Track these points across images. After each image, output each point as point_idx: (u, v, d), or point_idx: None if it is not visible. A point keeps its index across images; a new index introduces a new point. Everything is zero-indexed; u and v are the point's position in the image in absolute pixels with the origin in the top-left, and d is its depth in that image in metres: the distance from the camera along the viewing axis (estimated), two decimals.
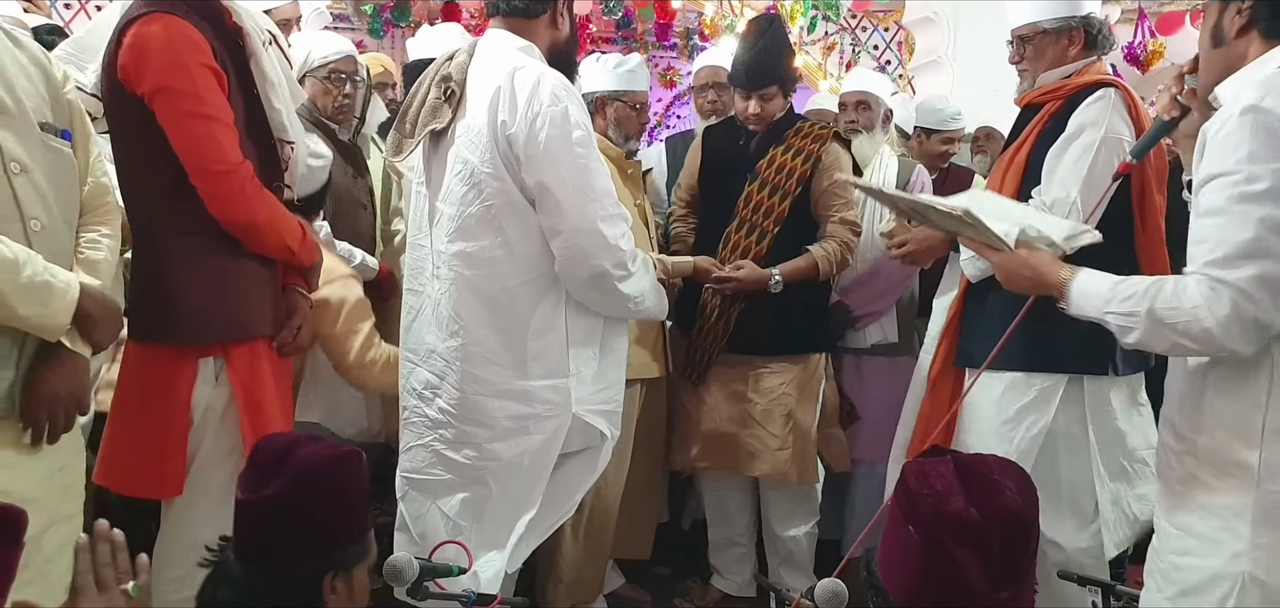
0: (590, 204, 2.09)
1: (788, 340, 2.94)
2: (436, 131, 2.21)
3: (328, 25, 5.62)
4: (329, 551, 1.46)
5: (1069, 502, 2.35)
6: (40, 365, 1.63)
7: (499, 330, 2.15)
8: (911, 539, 1.20)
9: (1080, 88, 2.31)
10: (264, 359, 2.00)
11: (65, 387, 1.64)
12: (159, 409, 1.85)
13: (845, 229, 2.92)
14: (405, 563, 1.73)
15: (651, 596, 3.20)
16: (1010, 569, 1.16)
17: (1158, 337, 1.56)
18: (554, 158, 2.06)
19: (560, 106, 2.06)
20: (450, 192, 2.18)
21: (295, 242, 2.02)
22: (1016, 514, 1.18)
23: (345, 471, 1.48)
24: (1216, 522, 1.54)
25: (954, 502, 1.17)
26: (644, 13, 7.09)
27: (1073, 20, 2.34)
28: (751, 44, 2.90)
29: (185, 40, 1.80)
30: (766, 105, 2.90)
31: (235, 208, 1.88)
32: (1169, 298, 1.53)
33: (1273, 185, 1.42)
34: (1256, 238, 1.44)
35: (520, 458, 2.18)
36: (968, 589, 1.15)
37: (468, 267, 2.15)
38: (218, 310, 1.91)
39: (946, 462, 1.25)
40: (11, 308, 1.54)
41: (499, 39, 2.22)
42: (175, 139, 1.82)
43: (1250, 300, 1.44)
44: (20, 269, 1.54)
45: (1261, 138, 1.43)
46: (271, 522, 1.43)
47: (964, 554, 1.15)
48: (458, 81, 2.18)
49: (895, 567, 1.25)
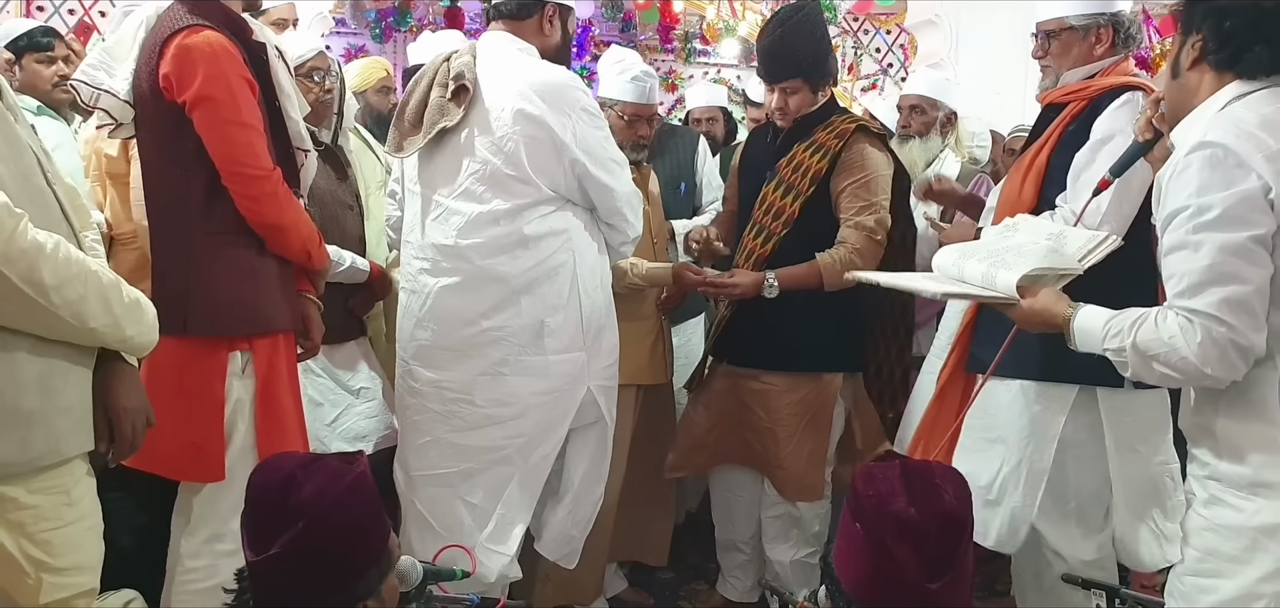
0: (621, 172, 2.34)
1: (795, 356, 2.73)
2: (445, 129, 2.24)
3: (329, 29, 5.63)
4: (354, 585, 1.41)
5: (1076, 512, 2.32)
6: (108, 382, 1.61)
7: (521, 312, 2.25)
8: (858, 536, 1.35)
9: (1105, 90, 2.24)
10: (282, 354, 2.11)
11: (134, 400, 1.64)
12: (196, 399, 1.94)
13: (858, 234, 2.62)
14: (409, 567, 1.72)
15: (655, 600, 3.19)
16: (944, 563, 1.29)
17: (1146, 370, 1.58)
18: (590, 147, 2.24)
19: (584, 99, 2.24)
20: (464, 187, 2.23)
21: (313, 246, 2.16)
22: (952, 515, 1.31)
23: (352, 499, 1.40)
24: (1245, 542, 1.53)
25: (896, 503, 1.31)
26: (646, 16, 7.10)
27: (1103, 17, 2.26)
28: (769, 32, 2.69)
29: (226, 53, 1.92)
30: (790, 99, 2.68)
31: (268, 210, 2.00)
32: (1149, 331, 1.55)
33: (1224, 210, 1.46)
34: (1215, 263, 1.47)
35: (543, 433, 2.31)
36: (905, 581, 1.28)
37: (483, 256, 2.23)
38: (246, 304, 2.02)
39: (894, 466, 1.38)
40: (121, 330, 1.57)
41: (500, 40, 2.29)
42: (213, 145, 1.93)
43: (1222, 325, 1.47)
44: (122, 290, 1.57)
45: (1207, 169, 1.47)
46: (286, 579, 1.36)
47: (903, 550, 1.29)
48: (470, 79, 2.22)
49: (846, 562, 1.38)
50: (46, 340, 1.48)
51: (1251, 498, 1.53)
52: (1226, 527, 1.55)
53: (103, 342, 1.57)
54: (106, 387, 1.61)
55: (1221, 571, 1.56)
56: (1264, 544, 1.51)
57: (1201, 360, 1.49)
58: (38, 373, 1.48)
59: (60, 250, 1.45)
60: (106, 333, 1.54)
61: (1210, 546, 1.58)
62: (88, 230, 1.75)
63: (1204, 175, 1.48)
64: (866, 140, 2.67)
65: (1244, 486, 1.54)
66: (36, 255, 1.40)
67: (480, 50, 2.30)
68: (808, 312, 2.67)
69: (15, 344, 1.45)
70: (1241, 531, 1.53)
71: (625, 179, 2.36)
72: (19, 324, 1.44)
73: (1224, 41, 1.56)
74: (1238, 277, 1.46)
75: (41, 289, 1.41)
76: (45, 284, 1.42)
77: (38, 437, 1.48)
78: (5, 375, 1.44)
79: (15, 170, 1.50)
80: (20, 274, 1.39)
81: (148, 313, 1.64)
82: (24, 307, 1.41)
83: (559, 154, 2.21)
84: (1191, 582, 1.61)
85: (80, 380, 1.56)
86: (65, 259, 1.45)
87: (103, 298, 1.52)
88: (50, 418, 1.50)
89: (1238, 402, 1.55)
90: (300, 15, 3.79)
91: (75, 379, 1.55)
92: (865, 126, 2.71)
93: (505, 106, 2.19)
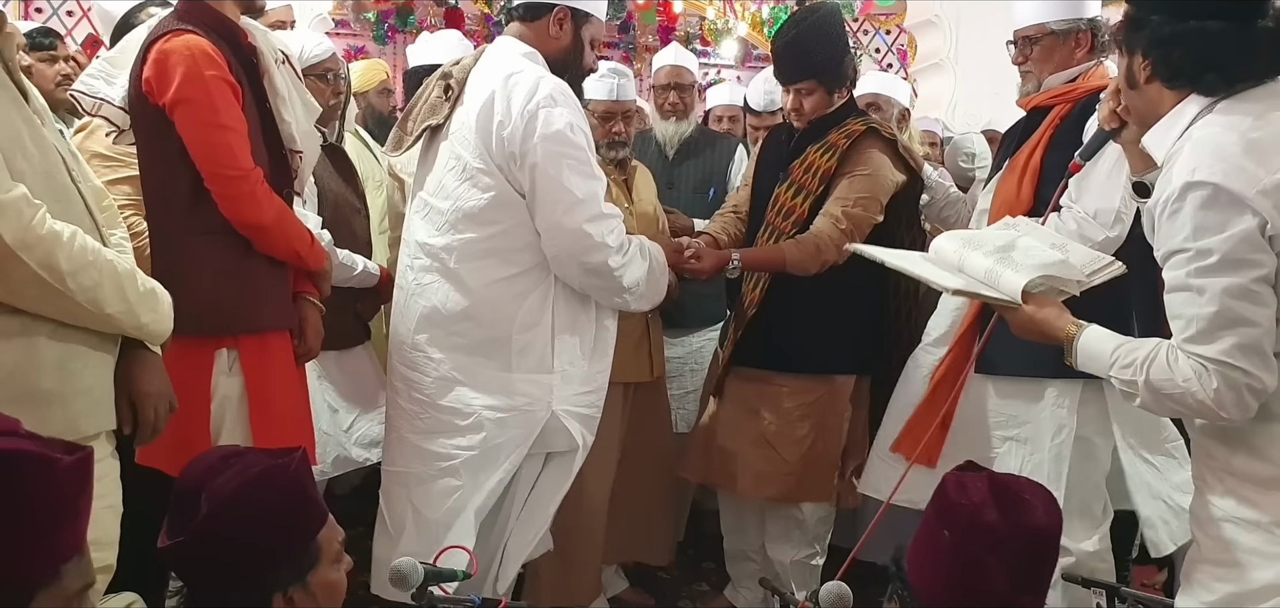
0: (576, 206, 2.15)
1: (803, 357, 2.71)
2: (433, 128, 2.26)
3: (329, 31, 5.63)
4: (262, 574, 1.40)
5: (1079, 505, 2.34)
6: (132, 368, 1.70)
7: (485, 323, 2.20)
8: (944, 542, 1.35)
9: (1090, 92, 2.28)
10: (274, 354, 2.12)
11: (156, 386, 1.73)
12: (183, 396, 1.93)
13: (828, 222, 2.58)
14: (410, 568, 1.73)
15: (656, 600, 3.19)
16: (1032, 579, 1.31)
17: (1159, 406, 1.59)
18: (545, 160, 2.12)
19: (553, 110, 2.12)
20: (443, 186, 2.24)
21: (303, 246, 2.14)
22: (1043, 531, 1.33)
23: (260, 491, 1.39)
24: (1263, 536, 1.53)
25: (988, 514, 1.32)
26: (645, 17, 7.11)
27: (1081, 22, 2.32)
28: (785, 33, 2.67)
29: (204, 56, 1.94)
30: (805, 100, 2.65)
31: (245, 209, 2.01)
32: (1163, 370, 1.55)
33: (1224, 255, 1.46)
34: (1223, 309, 1.47)
35: (495, 451, 2.22)
36: (993, 592, 1.29)
37: (456, 259, 2.21)
38: (230, 303, 2.04)
39: (982, 477, 1.40)
40: (136, 316, 1.65)
41: (506, 45, 2.30)
42: (192, 146, 1.96)
43: (1236, 370, 1.48)
44: (137, 279, 1.66)
45: (1202, 212, 1.47)
46: (193, 566, 1.39)
47: (991, 561, 1.30)
48: (458, 81, 2.24)
49: (925, 565, 1.39)
50: (66, 326, 1.56)
51: (1269, 492, 1.53)
52: (1245, 520, 1.55)
53: (119, 328, 1.65)
54: (129, 373, 1.69)
55: (1241, 561, 1.56)
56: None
57: (1217, 404, 1.49)
58: (57, 356, 1.56)
59: (76, 239, 1.53)
60: (122, 319, 1.63)
61: (1229, 537, 1.58)
62: (115, 229, 1.81)
63: (1198, 218, 1.47)
64: (875, 143, 2.65)
65: (1262, 482, 1.54)
66: (53, 243, 1.49)
67: (486, 52, 2.31)
68: (817, 312, 2.67)
69: (36, 329, 1.53)
70: (1259, 524, 1.54)
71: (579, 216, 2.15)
72: (39, 309, 1.53)
73: (1174, 71, 1.56)
74: (1246, 320, 1.47)
75: (58, 275, 1.50)
76: (61, 270, 1.50)
77: (56, 416, 1.54)
78: (25, 357, 1.52)
79: (40, 169, 1.57)
80: (37, 260, 1.47)
81: (163, 302, 1.72)
82: (42, 292, 1.50)
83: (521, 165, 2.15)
84: (1209, 570, 1.61)
85: (99, 364, 1.64)
86: (81, 248, 1.54)
87: (118, 286, 1.60)
88: (68, 399, 1.57)
89: None
90: (299, 17, 3.80)
91: (94, 363, 1.62)
92: (876, 129, 2.69)
93: (478, 106, 2.18)
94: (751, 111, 3.65)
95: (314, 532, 1.46)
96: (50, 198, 1.54)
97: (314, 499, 1.49)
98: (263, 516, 1.39)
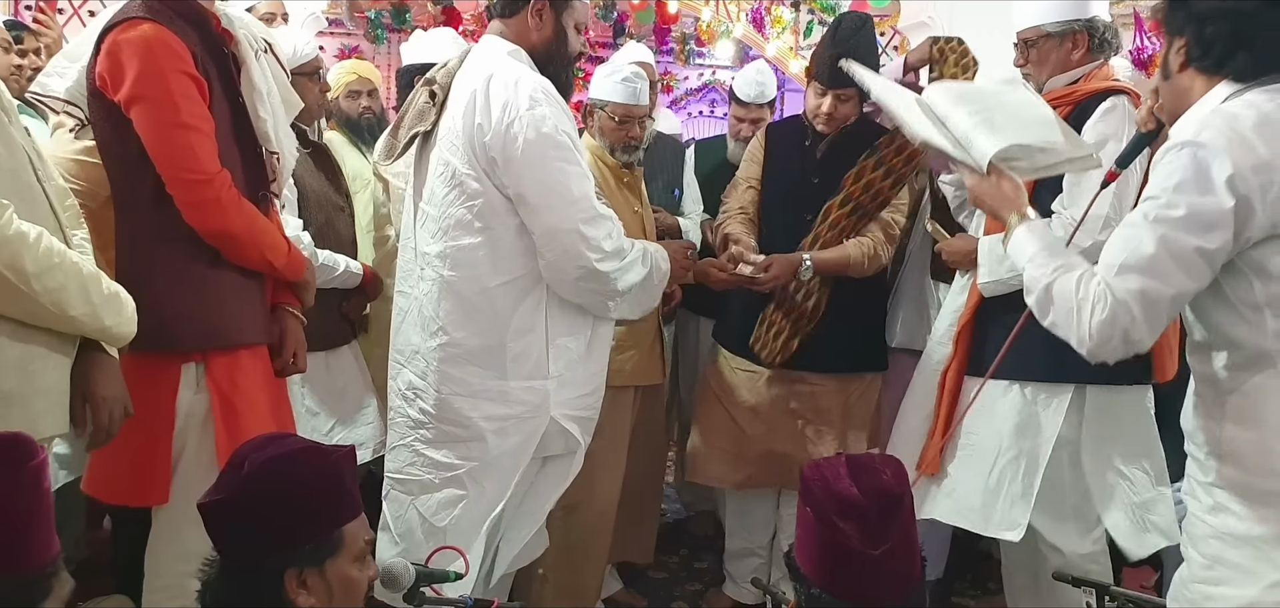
0: (568, 208, 2.11)
1: (842, 358, 2.83)
2: (423, 134, 2.24)
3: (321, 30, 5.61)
4: (282, 548, 1.42)
5: (1073, 508, 2.35)
6: (88, 370, 1.67)
7: (479, 331, 2.17)
8: (808, 519, 1.47)
9: (1089, 95, 2.28)
10: (247, 370, 1.96)
11: (112, 390, 1.69)
12: (144, 417, 1.82)
13: (882, 230, 2.79)
14: (401, 569, 1.73)
15: (650, 600, 3.19)
16: (883, 531, 1.42)
17: (1043, 311, 1.61)
18: (531, 163, 2.08)
19: (537, 111, 2.07)
20: (433, 193, 2.21)
21: (278, 256, 1.99)
22: (889, 491, 1.45)
23: (298, 466, 1.44)
24: (1250, 552, 1.53)
25: (839, 484, 1.45)
26: (641, 17, 7.09)
27: (1077, 23, 2.32)
28: (841, 41, 2.74)
29: (163, 47, 1.79)
30: (840, 107, 2.77)
31: (210, 216, 1.86)
32: (1068, 284, 1.57)
33: (1186, 215, 1.46)
34: (1154, 256, 1.48)
35: (498, 460, 2.20)
36: (847, 551, 1.42)
37: (449, 267, 2.17)
38: (197, 318, 1.89)
39: (839, 458, 1.52)
40: (100, 319, 1.63)
41: (490, 44, 2.24)
42: (151, 147, 1.82)
43: (1127, 312, 1.49)
44: (102, 281, 1.64)
45: (1191, 171, 1.47)
46: (224, 523, 1.43)
47: (845, 524, 1.42)
48: (442, 85, 2.20)
49: (803, 548, 1.50)
50: (27, 326, 1.55)
51: (1258, 508, 1.52)
52: (1233, 535, 1.55)
53: (82, 330, 1.62)
54: (86, 375, 1.66)
55: (1228, 579, 1.55)
56: (1270, 554, 1.50)
57: (1093, 331, 1.52)
58: (18, 356, 1.54)
59: (42, 241, 1.52)
60: (85, 321, 1.61)
61: (1216, 553, 1.57)
62: (77, 230, 1.76)
63: (1185, 175, 1.47)
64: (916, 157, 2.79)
65: (1251, 496, 1.53)
66: (20, 244, 1.47)
67: (471, 53, 2.27)
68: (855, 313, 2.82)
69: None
70: (1248, 539, 1.53)
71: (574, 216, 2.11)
72: (2, 309, 1.51)
73: (1207, 48, 1.56)
74: (1163, 276, 1.48)
75: (23, 276, 1.48)
76: (27, 271, 1.49)
77: (16, 416, 1.52)
78: None
79: (7, 167, 1.56)
80: (4, 262, 1.46)
81: (127, 305, 1.69)
82: (6, 293, 1.49)
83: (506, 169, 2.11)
84: (1198, 589, 1.60)
85: (59, 366, 1.61)
86: (47, 250, 1.52)
87: (82, 288, 1.58)
88: (28, 399, 1.56)
89: (1247, 409, 1.54)
90: (292, 15, 3.77)
91: (54, 364, 1.60)
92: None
93: (461, 110, 2.14)
94: (738, 102, 3.63)
95: (341, 521, 1.48)
96: (15, 196, 1.52)
97: (349, 491, 1.50)
98: (294, 490, 1.43)
